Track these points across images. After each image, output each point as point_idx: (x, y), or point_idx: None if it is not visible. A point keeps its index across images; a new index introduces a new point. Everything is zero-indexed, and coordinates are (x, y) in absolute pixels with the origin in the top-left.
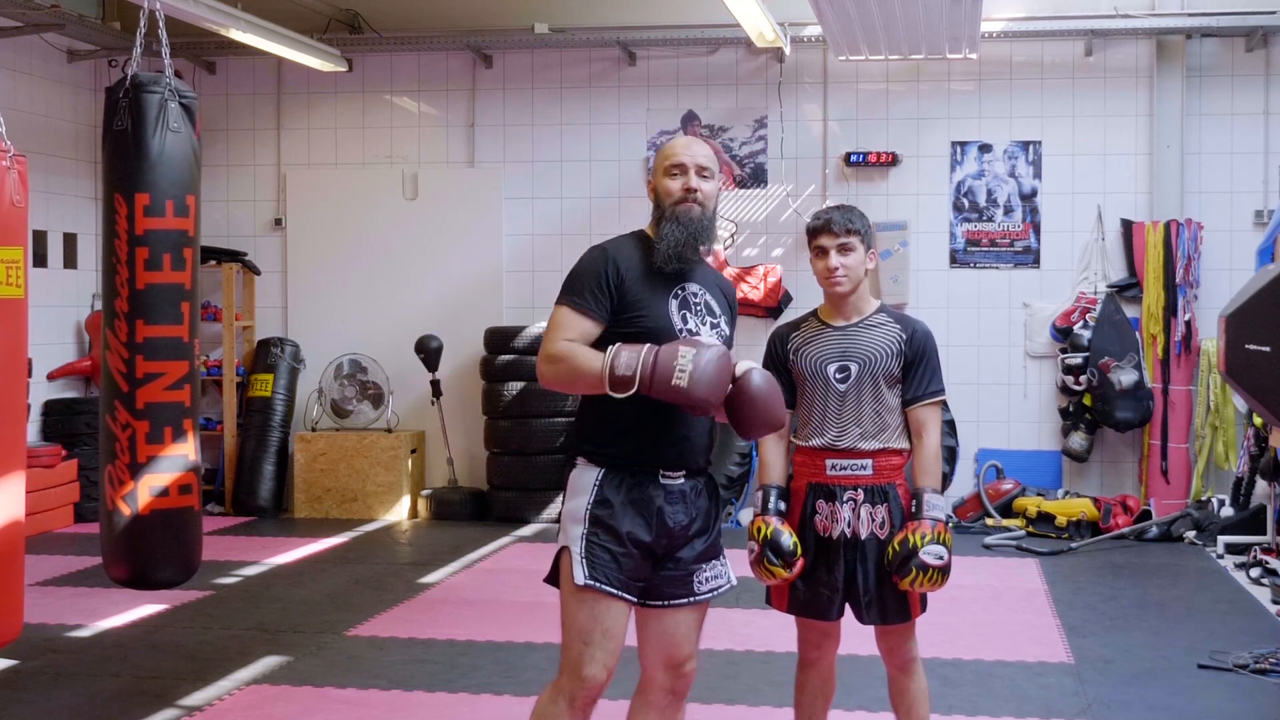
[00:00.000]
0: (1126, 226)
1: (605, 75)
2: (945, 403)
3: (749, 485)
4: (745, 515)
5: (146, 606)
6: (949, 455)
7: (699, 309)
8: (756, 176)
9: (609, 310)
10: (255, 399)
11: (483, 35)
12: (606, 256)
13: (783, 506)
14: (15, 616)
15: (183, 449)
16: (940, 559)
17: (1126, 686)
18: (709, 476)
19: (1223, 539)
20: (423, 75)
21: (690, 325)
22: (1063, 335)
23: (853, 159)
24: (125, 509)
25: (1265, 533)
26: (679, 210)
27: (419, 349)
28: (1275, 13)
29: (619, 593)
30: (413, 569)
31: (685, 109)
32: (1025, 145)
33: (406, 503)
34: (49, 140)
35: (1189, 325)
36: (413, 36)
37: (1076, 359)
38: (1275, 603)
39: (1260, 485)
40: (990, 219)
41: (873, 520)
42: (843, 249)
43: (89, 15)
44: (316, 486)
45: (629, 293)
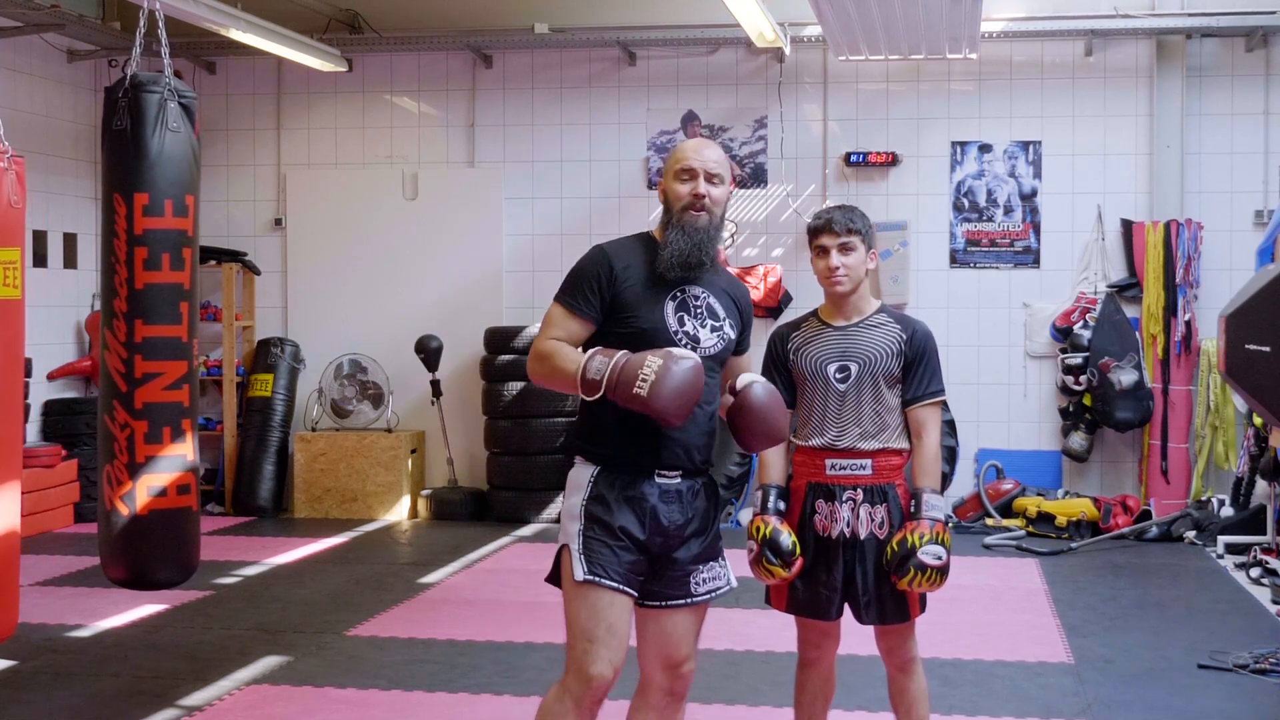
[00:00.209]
0: (1126, 226)
1: (605, 75)
2: (945, 403)
3: (749, 485)
4: (745, 515)
5: (146, 606)
6: (949, 455)
7: (699, 312)
8: (756, 176)
9: (599, 311)
10: (255, 399)
11: (483, 35)
12: (605, 257)
13: (782, 506)
14: (10, 614)
15: (181, 449)
16: (938, 559)
17: (1126, 686)
18: (708, 478)
19: (1223, 539)
20: (423, 75)
21: (688, 328)
22: (1063, 335)
23: (853, 159)
24: (123, 509)
25: (1265, 533)
26: (686, 219)
27: (419, 349)
28: (1275, 13)
29: (620, 585)
30: (413, 569)
31: (685, 109)
32: (1025, 145)
33: (406, 503)
34: (49, 140)
35: (1189, 325)
36: (413, 36)
37: (1076, 359)
38: (1275, 603)
39: (1260, 485)
40: (990, 219)
41: (872, 520)
42: (844, 249)
43: (89, 15)
44: (316, 486)
45: (625, 294)
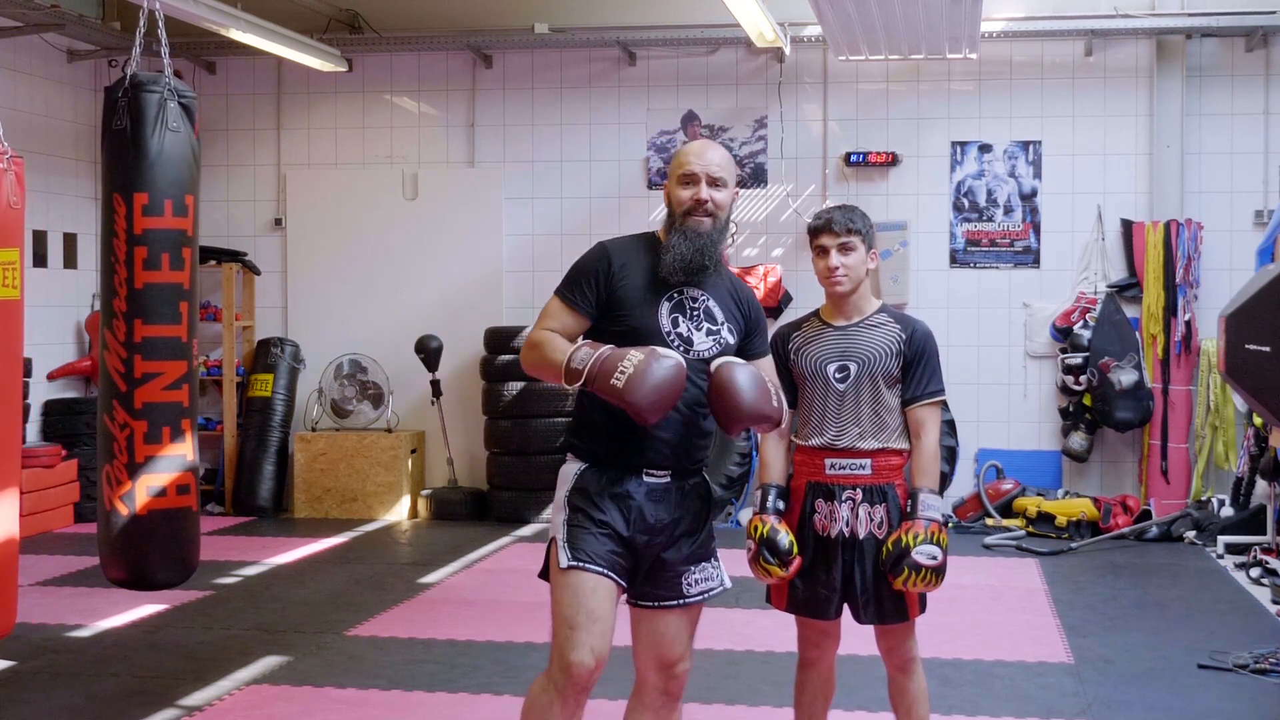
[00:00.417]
0: (1126, 226)
1: (605, 75)
2: (945, 403)
3: (749, 485)
4: (745, 515)
5: (146, 606)
6: (949, 455)
7: (696, 314)
8: (756, 176)
9: (594, 306)
10: (255, 399)
11: (483, 35)
12: (605, 254)
13: (781, 505)
14: (9, 612)
15: (181, 449)
16: (933, 559)
17: (1126, 686)
18: (702, 478)
19: (1223, 539)
20: (423, 75)
21: (681, 329)
22: (1063, 335)
23: (853, 159)
24: (123, 509)
25: (1265, 533)
26: (688, 224)
27: (419, 349)
28: (1275, 13)
29: (603, 570)
30: (413, 569)
31: (685, 109)
32: (1025, 145)
33: (406, 503)
34: (49, 140)
35: (1189, 325)
36: (413, 36)
37: (1076, 359)
38: (1275, 603)
39: (1260, 485)
40: (990, 219)
41: (871, 520)
42: (843, 249)
43: (89, 15)
44: (316, 486)
45: (621, 292)
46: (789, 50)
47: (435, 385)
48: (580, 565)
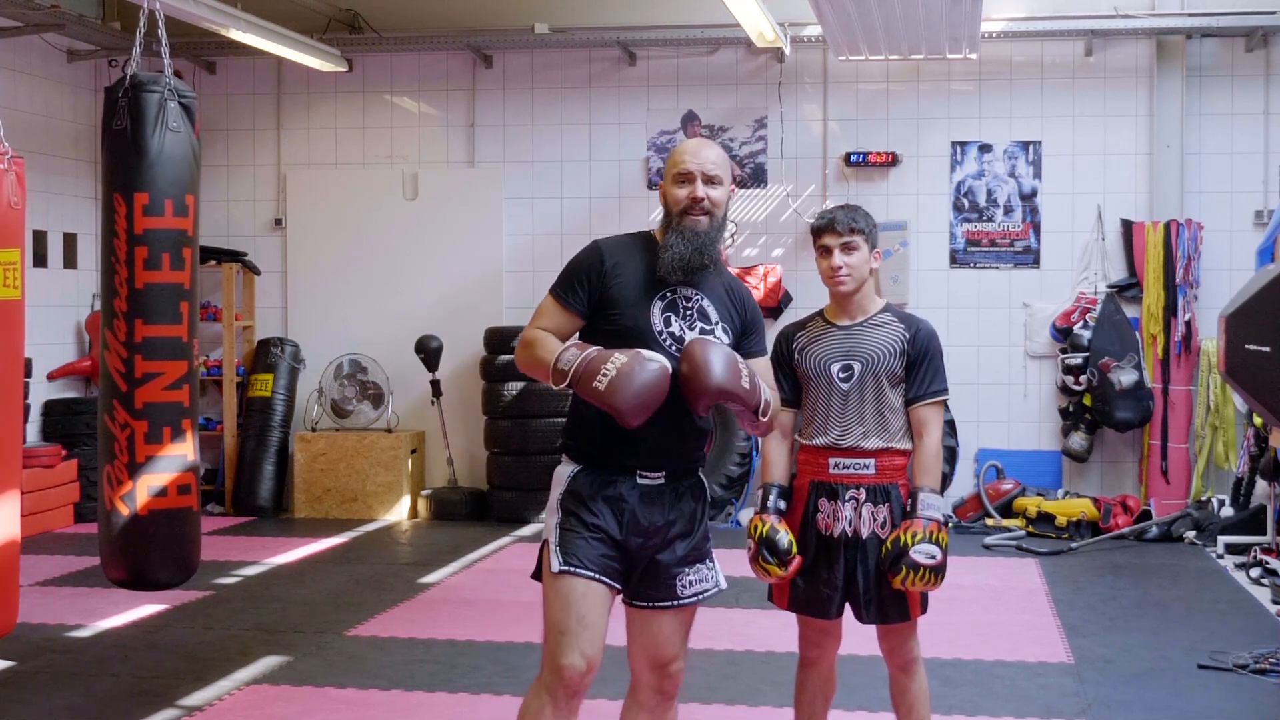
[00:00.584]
0: (1126, 226)
1: (605, 75)
2: (945, 403)
3: (749, 485)
4: (746, 515)
5: (146, 606)
6: (949, 455)
7: (689, 313)
8: (756, 176)
9: (587, 305)
10: (255, 399)
11: (483, 35)
12: (598, 253)
13: (782, 505)
14: (10, 611)
15: (181, 449)
16: (932, 559)
17: (1126, 686)
18: (697, 479)
19: (1223, 539)
20: (423, 75)
21: (673, 329)
22: (1063, 335)
23: (853, 159)
24: (124, 509)
25: (1265, 533)
26: (685, 223)
27: (419, 349)
28: (1275, 13)
29: (594, 575)
30: (413, 569)
31: (685, 109)
32: (1025, 145)
33: (406, 503)
34: (49, 140)
35: (1189, 325)
36: (413, 36)
37: (1076, 359)
38: (1275, 603)
39: (1260, 485)
40: (990, 219)
41: (874, 520)
42: (846, 248)
43: (89, 15)
44: (316, 486)
45: (614, 291)
46: (789, 50)
47: (435, 385)
48: (571, 570)
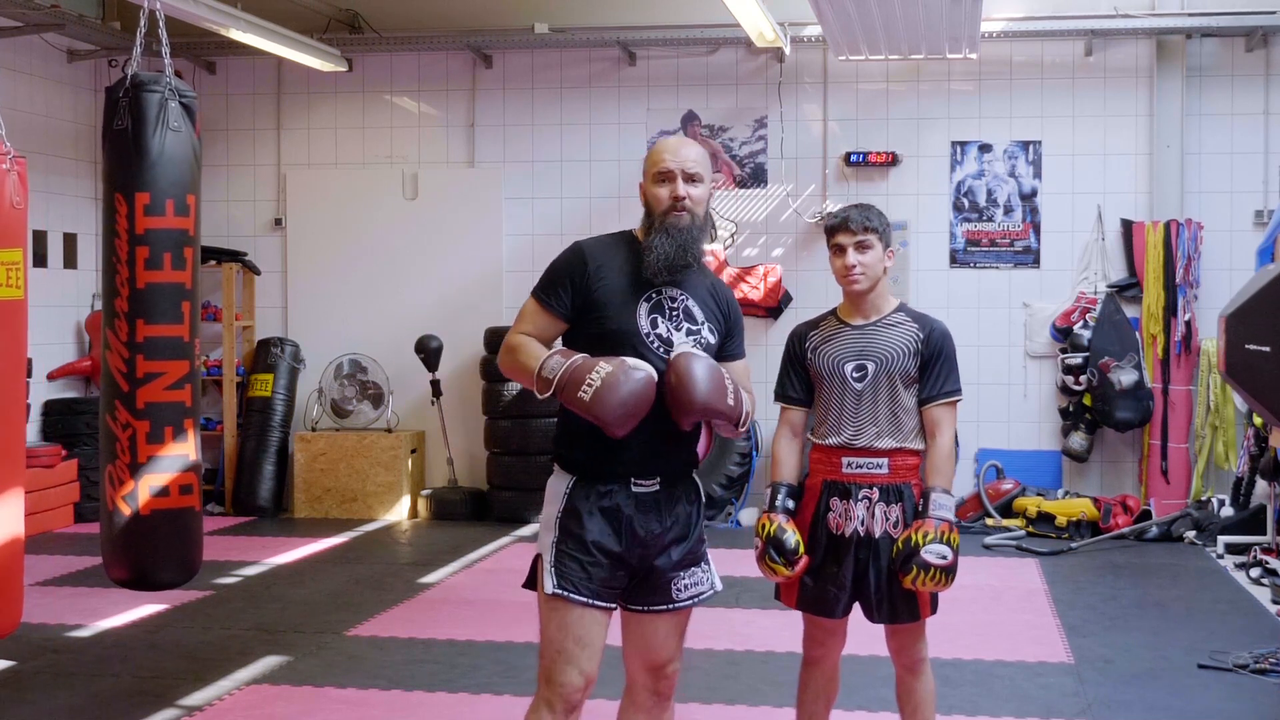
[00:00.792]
0: (1126, 226)
1: (605, 75)
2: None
3: (749, 485)
4: (745, 515)
5: (146, 606)
6: None
7: (675, 315)
8: (756, 176)
9: (570, 308)
10: (255, 399)
11: (483, 35)
12: (581, 255)
13: (790, 505)
14: (14, 610)
15: (183, 449)
16: (943, 559)
17: (1126, 686)
18: (691, 482)
19: (1223, 539)
20: (423, 75)
21: (660, 330)
22: (1063, 335)
23: (853, 159)
24: (125, 509)
25: (1265, 533)
26: (668, 221)
27: (419, 349)
28: (1275, 13)
29: (589, 600)
30: (413, 569)
31: (685, 109)
32: (1025, 145)
33: (406, 503)
34: (49, 140)
35: (1189, 325)
36: (413, 36)
37: (1076, 359)
38: (1275, 603)
39: (1260, 485)
40: (990, 219)
41: (887, 519)
42: (860, 246)
43: (89, 15)
44: (316, 486)
45: (598, 293)
46: (789, 50)
47: (435, 385)
48: (566, 595)
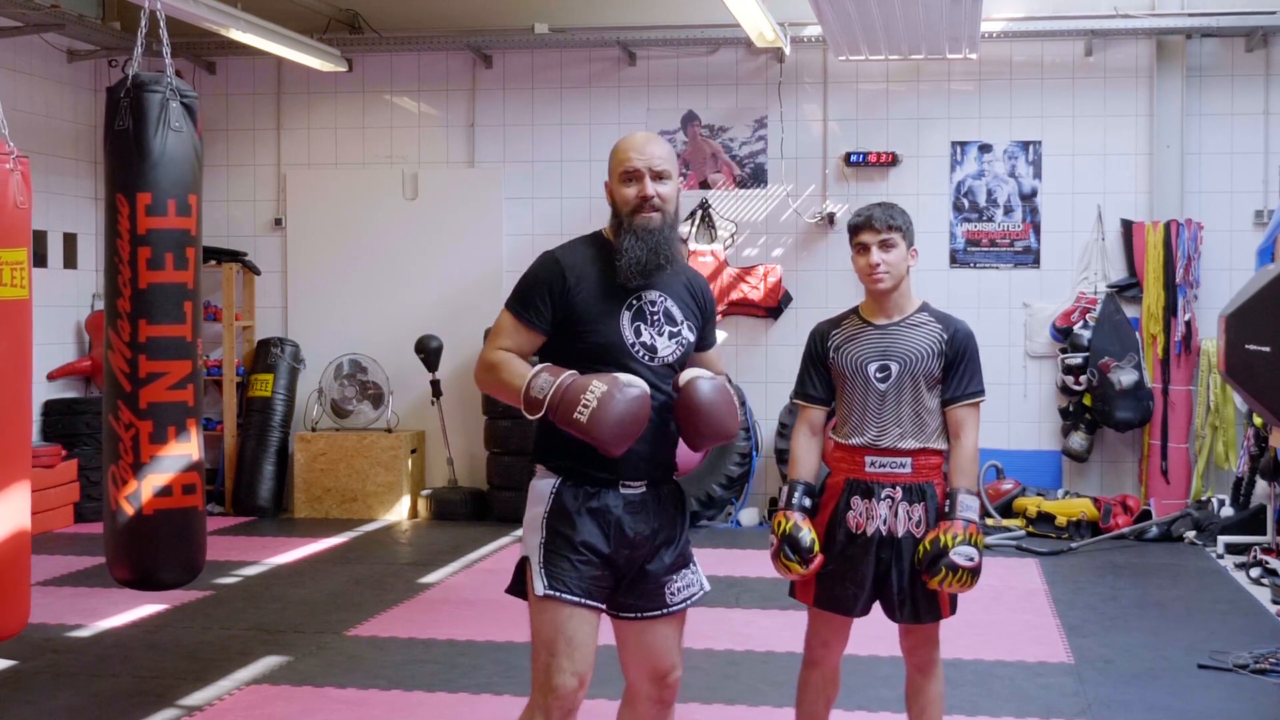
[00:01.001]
0: (1126, 226)
1: (605, 75)
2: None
3: (749, 485)
4: (745, 515)
5: (147, 606)
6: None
7: (656, 319)
8: (756, 176)
9: (550, 322)
10: (255, 399)
11: (483, 35)
12: (558, 267)
13: (807, 503)
14: (23, 609)
15: (186, 449)
16: (970, 560)
17: (1126, 686)
18: (674, 484)
19: (1223, 539)
20: (423, 75)
21: (644, 338)
22: (1063, 335)
23: (853, 159)
24: (128, 509)
25: (1265, 533)
26: (638, 222)
27: (419, 349)
28: (1275, 13)
29: (581, 600)
30: (413, 569)
31: (685, 109)
32: (1025, 145)
33: (406, 503)
34: (49, 140)
35: (1189, 325)
36: (413, 36)
37: (1076, 359)
38: (1275, 603)
39: (1260, 485)
40: (990, 219)
41: (909, 519)
42: (884, 245)
43: (89, 15)
44: (316, 486)
45: (579, 306)
46: (789, 50)
47: (435, 385)
48: (558, 595)
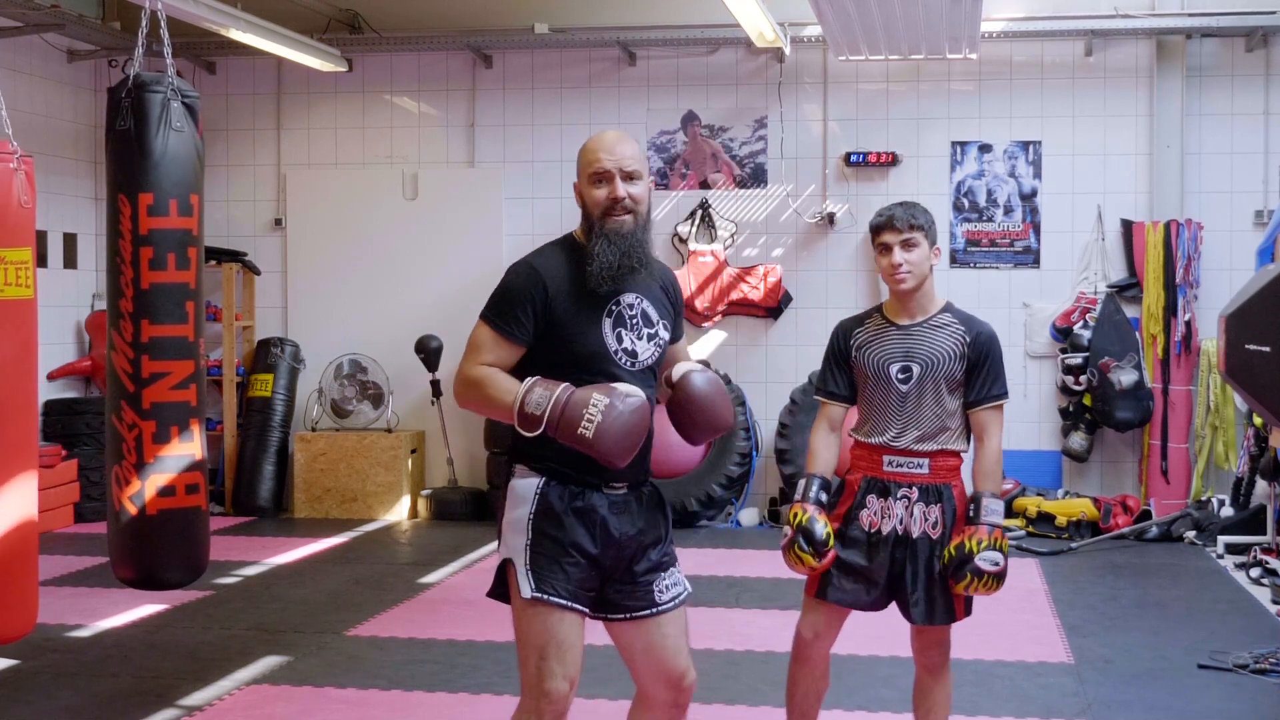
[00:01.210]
0: (1126, 226)
1: (605, 75)
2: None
3: (749, 485)
4: (745, 515)
5: (147, 606)
6: None
7: (635, 322)
8: (756, 176)
9: (531, 334)
10: (255, 399)
11: (483, 35)
12: (537, 277)
13: (823, 497)
14: (30, 611)
15: (189, 448)
16: (996, 565)
17: (1126, 686)
18: (653, 486)
19: (1223, 539)
20: (423, 75)
21: (625, 344)
22: (1063, 335)
23: (853, 159)
24: (132, 509)
25: (1265, 533)
26: (608, 225)
27: (419, 349)
28: (1275, 13)
29: (569, 603)
30: (413, 569)
31: (685, 109)
32: (1025, 145)
33: (406, 503)
34: (49, 140)
35: (1189, 325)
36: (413, 36)
37: (1076, 359)
38: (1275, 603)
39: (1260, 485)
40: (990, 219)
41: (925, 519)
42: (906, 245)
43: (89, 15)
44: (316, 486)
45: (558, 315)
46: (789, 50)
47: (435, 385)
48: (546, 597)
